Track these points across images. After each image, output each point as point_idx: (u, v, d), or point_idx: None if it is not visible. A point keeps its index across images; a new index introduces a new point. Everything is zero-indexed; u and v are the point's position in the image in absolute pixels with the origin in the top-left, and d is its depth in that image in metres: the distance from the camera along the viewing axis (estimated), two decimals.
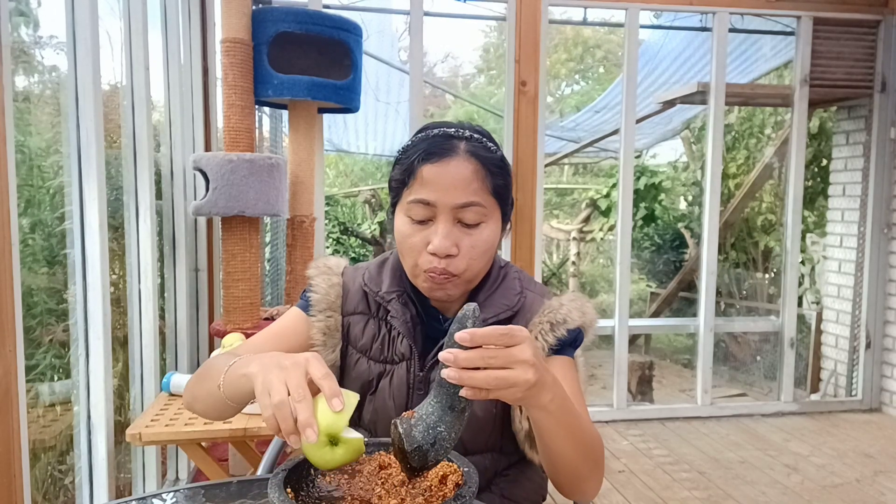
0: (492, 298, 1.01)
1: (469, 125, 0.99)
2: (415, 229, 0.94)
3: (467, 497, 0.72)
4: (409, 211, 0.94)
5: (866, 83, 3.69)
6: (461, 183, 0.91)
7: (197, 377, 0.97)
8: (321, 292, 1.05)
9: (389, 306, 1.01)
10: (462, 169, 0.92)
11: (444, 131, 0.95)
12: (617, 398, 3.62)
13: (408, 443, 0.69)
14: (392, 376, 1.01)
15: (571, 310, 0.99)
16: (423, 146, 0.94)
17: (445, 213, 0.92)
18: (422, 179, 0.92)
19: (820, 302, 4.51)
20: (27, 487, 1.31)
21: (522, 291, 1.03)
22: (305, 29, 2.38)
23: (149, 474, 2.21)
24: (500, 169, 0.95)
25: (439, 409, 0.71)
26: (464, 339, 0.68)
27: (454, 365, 0.68)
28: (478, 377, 0.68)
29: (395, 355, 1.02)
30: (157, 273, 2.19)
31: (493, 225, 0.96)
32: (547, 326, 0.97)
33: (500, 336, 0.69)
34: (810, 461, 3.05)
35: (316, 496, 0.75)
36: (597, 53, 10.44)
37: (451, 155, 0.92)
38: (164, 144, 2.43)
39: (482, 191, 0.93)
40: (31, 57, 1.81)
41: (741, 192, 5.65)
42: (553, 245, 9.09)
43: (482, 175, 0.93)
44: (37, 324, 1.81)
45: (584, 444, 0.86)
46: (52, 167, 1.82)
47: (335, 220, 7.78)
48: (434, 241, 0.92)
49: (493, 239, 0.96)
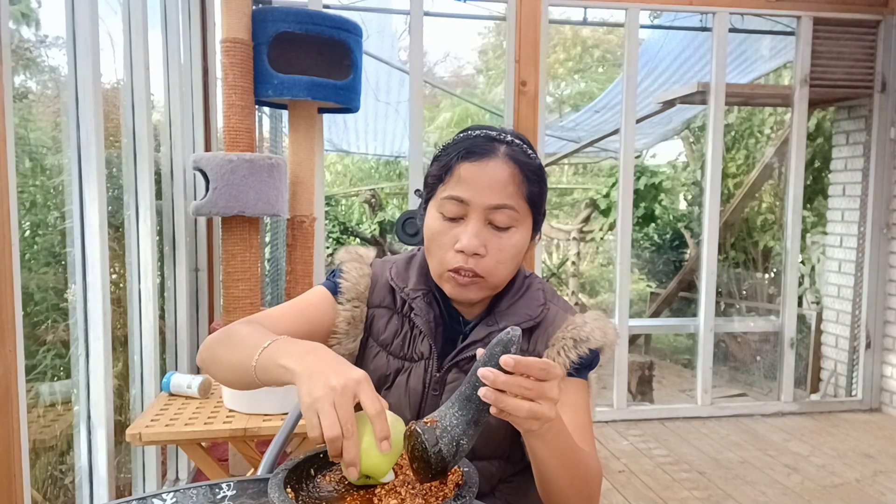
0: (515, 306, 1.00)
1: (511, 131, 0.99)
2: (446, 226, 0.94)
3: (467, 497, 0.72)
4: (442, 207, 0.94)
5: (866, 83, 3.69)
6: (497, 185, 0.91)
7: (220, 342, 0.94)
8: (352, 280, 1.04)
9: (414, 304, 1.01)
10: (499, 171, 0.92)
11: (487, 133, 0.96)
12: (617, 398, 3.62)
13: (433, 453, 0.70)
14: (409, 374, 1.01)
15: (594, 329, 0.98)
16: (465, 145, 0.94)
17: (478, 212, 0.92)
18: (458, 177, 0.93)
19: (820, 302, 4.51)
20: (27, 487, 1.31)
21: (546, 303, 1.02)
22: (305, 29, 2.38)
23: (149, 474, 2.21)
24: (536, 176, 0.96)
25: (464, 423, 0.72)
26: (508, 364, 0.69)
27: (492, 385, 0.70)
28: (509, 402, 0.70)
29: (414, 353, 1.02)
30: (157, 273, 2.19)
31: (524, 231, 0.96)
32: (570, 343, 0.97)
33: (540, 370, 0.71)
34: (810, 461, 3.05)
35: (316, 496, 0.75)
36: (595, 53, 10.44)
37: (490, 156, 0.92)
38: (164, 144, 2.42)
39: (517, 195, 0.93)
40: (34, 57, 1.81)
41: (741, 192, 5.65)
42: (553, 245, 9.10)
43: (519, 180, 0.93)
44: (43, 319, 1.81)
45: (577, 478, 0.87)
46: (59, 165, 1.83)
47: (335, 220, 7.78)
48: (463, 239, 0.92)
49: (522, 245, 0.96)
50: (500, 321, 0.99)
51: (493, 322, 0.99)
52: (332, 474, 0.80)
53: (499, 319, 0.99)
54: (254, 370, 0.83)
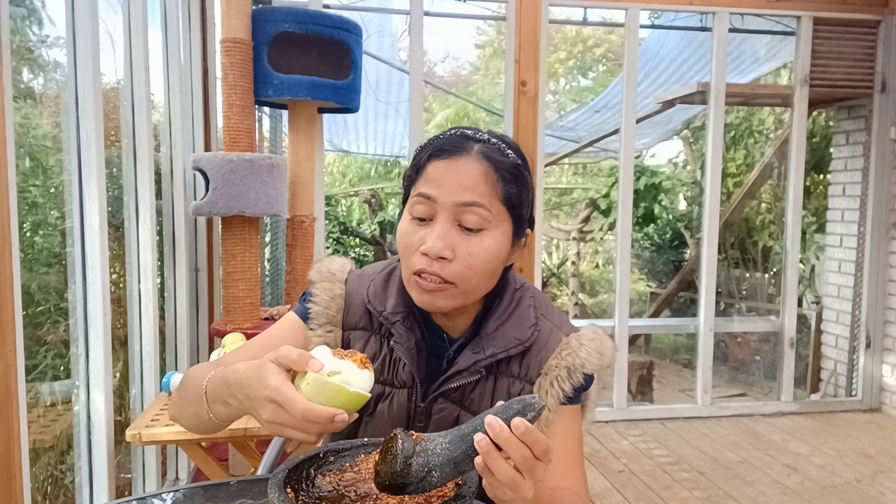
0: (504, 329, 0.94)
1: (494, 132, 0.93)
2: (413, 228, 0.88)
3: (467, 497, 0.72)
4: (412, 208, 0.89)
5: (866, 83, 3.69)
6: (467, 182, 0.86)
7: (174, 403, 0.97)
8: (322, 304, 0.99)
9: (393, 329, 0.95)
10: (470, 169, 0.86)
11: (462, 131, 0.91)
12: (617, 398, 3.62)
13: (401, 461, 0.68)
14: (392, 401, 0.96)
15: (591, 352, 0.92)
16: (437, 143, 0.89)
17: (445, 211, 0.86)
18: (427, 175, 0.88)
19: (820, 302, 4.51)
20: (27, 487, 1.31)
21: (537, 323, 0.95)
22: (305, 29, 2.38)
23: (149, 474, 2.21)
24: (513, 176, 0.88)
25: (446, 457, 0.69)
26: (518, 428, 0.67)
27: (493, 437, 0.67)
28: (497, 462, 0.68)
29: (395, 379, 0.96)
30: (157, 273, 2.19)
31: (498, 235, 0.88)
32: (564, 373, 0.92)
33: (542, 451, 0.69)
34: (810, 461, 3.05)
35: (316, 496, 0.75)
36: (596, 52, 10.43)
37: (461, 153, 0.87)
38: (164, 144, 2.42)
39: (490, 195, 0.86)
40: (35, 56, 1.81)
41: (741, 192, 5.65)
42: (553, 245, 9.09)
43: (493, 179, 0.87)
44: (44, 320, 1.81)
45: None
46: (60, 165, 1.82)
47: (335, 220, 7.78)
48: (428, 241, 0.85)
49: (496, 250, 0.88)
50: (486, 347, 0.92)
51: (480, 348, 0.93)
52: (332, 474, 0.80)
53: (486, 345, 0.93)
54: (210, 418, 0.86)
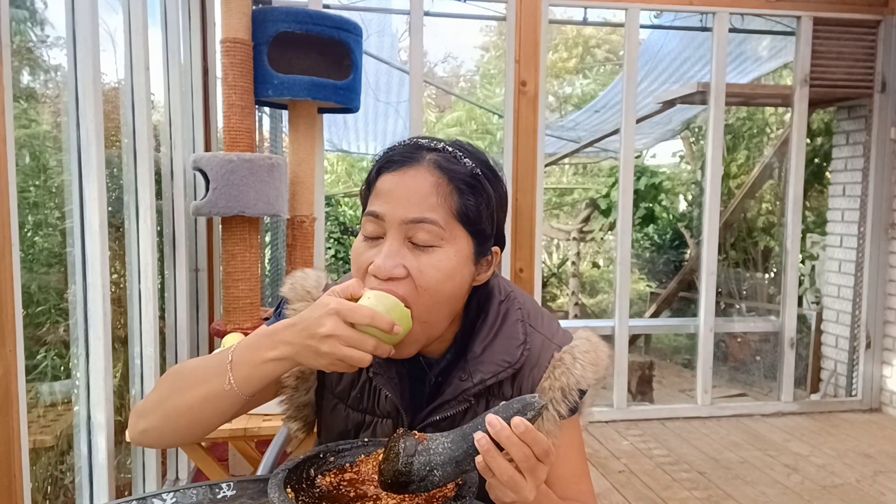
0: (491, 350, 0.86)
1: (454, 141, 0.86)
2: (363, 247, 0.82)
3: (467, 497, 0.72)
4: (363, 227, 0.83)
5: (866, 83, 3.69)
6: (416, 196, 0.78)
7: (170, 387, 0.85)
8: None
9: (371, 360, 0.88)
10: (420, 181, 0.79)
11: (416, 141, 0.84)
12: (617, 398, 3.62)
13: (403, 461, 0.68)
14: (374, 431, 0.90)
15: (585, 366, 0.87)
16: (387, 155, 0.83)
17: (394, 228, 0.79)
18: (377, 191, 0.82)
19: (820, 302, 4.51)
20: (27, 487, 1.31)
21: (526, 340, 0.88)
22: (305, 29, 2.38)
23: (149, 474, 2.21)
24: (469, 186, 0.81)
25: (448, 456, 0.69)
26: (518, 427, 0.66)
27: (494, 435, 0.66)
28: (498, 461, 0.67)
29: (377, 408, 0.91)
30: (157, 273, 2.19)
31: (452, 252, 0.80)
32: (559, 395, 0.86)
33: (543, 451, 0.68)
34: (810, 461, 3.05)
35: (316, 496, 0.75)
36: (597, 53, 10.43)
37: (411, 164, 0.80)
38: (164, 144, 2.42)
39: (441, 208, 0.79)
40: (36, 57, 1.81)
41: (741, 192, 5.65)
42: (553, 245, 9.09)
43: (445, 190, 0.79)
44: (44, 320, 1.81)
45: None
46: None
47: (335, 220, 7.78)
48: (376, 260, 0.79)
49: (451, 268, 0.80)
50: (474, 374, 0.85)
51: (467, 374, 0.86)
52: (332, 474, 0.80)
53: (473, 371, 0.85)
54: (231, 388, 0.78)
